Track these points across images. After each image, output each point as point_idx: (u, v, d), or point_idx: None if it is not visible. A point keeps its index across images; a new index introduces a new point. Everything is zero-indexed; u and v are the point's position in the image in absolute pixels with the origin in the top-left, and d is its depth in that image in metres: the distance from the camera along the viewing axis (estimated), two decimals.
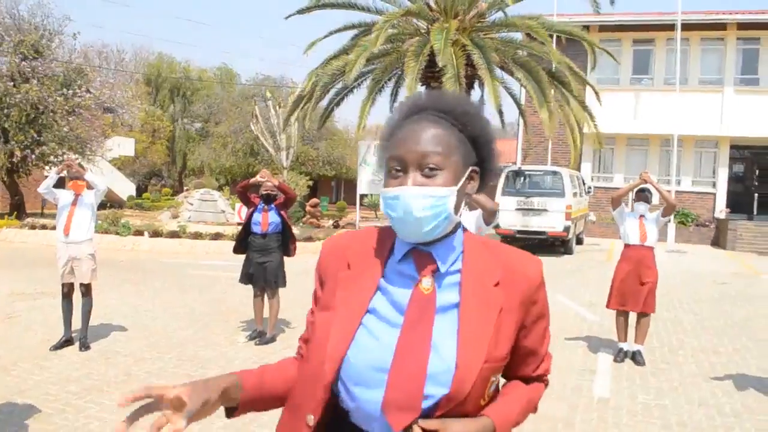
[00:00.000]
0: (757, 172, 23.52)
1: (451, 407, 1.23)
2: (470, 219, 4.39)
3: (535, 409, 1.47)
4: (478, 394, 1.26)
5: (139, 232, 16.13)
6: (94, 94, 21.66)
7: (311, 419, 1.30)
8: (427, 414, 1.23)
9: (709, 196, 22.76)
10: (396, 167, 1.29)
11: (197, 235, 15.87)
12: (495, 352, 1.27)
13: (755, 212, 22.59)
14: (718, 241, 20.63)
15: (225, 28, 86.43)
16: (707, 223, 21.70)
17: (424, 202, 1.25)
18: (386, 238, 1.38)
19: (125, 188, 31.70)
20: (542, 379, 1.49)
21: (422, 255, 1.32)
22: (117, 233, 15.96)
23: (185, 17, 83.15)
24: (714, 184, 22.91)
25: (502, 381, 1.45)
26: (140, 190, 36.06)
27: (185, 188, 34.32)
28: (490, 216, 4.23)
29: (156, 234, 16.09)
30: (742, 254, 18.44)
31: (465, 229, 1.40)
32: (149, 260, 13.51)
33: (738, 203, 22.70)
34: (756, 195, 22.88)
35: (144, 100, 35.23)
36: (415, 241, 1.31)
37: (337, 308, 1.32)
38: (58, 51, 21.53)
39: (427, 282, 1.30)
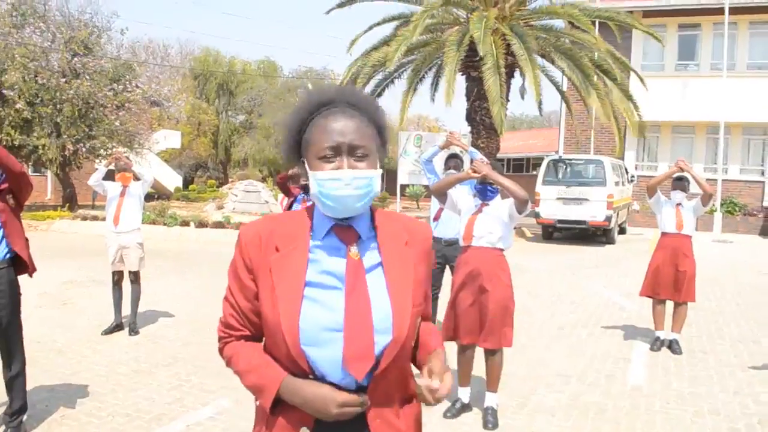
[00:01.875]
0: None
1: (396, 351, 1.49)
2: (502, 208, 4.47)
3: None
4: (412, 336, 1.56)
5: (185, 223, 16.57)
6: (142, 89, 22.26)
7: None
8: (378, 359, 1.47)
9: (757, 184, 22.13)
10: (329, 154, 1.49)
11: (241, 226, 16.19)
12: (417, 298, 1.57)
13: None
14: (766, 231, 20.10)
15: (268, 22, 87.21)
16: (755, 213, 21.12)
17: (360, 182, 1.48)
18: (302, 220, 1.59)
19: (172, 180, 32.44)
20: (429, 318, 1.78)
21: (343, 228, 1.55)
22: (164, 224, 16.42)
23: (230, 12, 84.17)
24: (762, 173, 22.25)
25: None
26: (186, 182, 36.82)
27: (230, 180, 34.96)
28: (522, 205, 4.30)
29: (202, 224, 16.50)
30: None
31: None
32: (195, 250, 13.90)
33: None
34: None
35: (190, 93, 35.96)
36: (347, 215, 1.52)
37: (277, 288, 1.50)
38: (106, 47, 22.21)
39: (354, 249, 1.54)
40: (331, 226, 1.54)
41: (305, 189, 7.14)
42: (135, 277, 6.77)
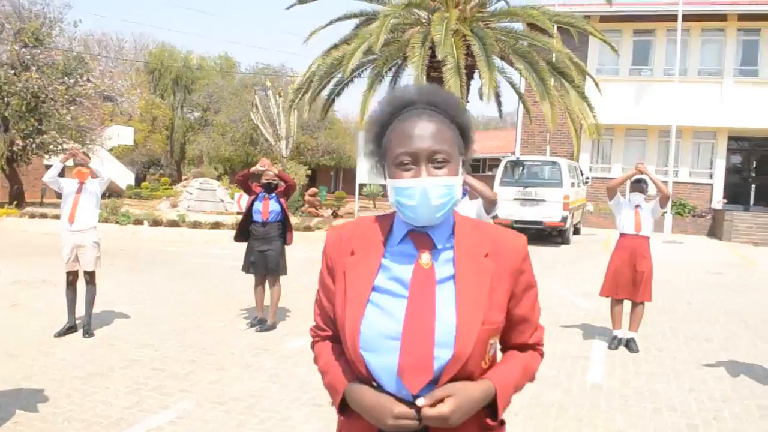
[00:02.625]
0: (755, 163, 23.66)
1: (458, 368, 1.39)
2: (471, 208, 4.48)
3: (532, 378, 1.62)
4: (479, 355, 1.43)
5: (138, 221, 16.21)
6: (95, 83, 21.69)
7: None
8: (438, 376, 1.39)
9: (706, 186, 22.85)
10: (406, 160, 1.43)
11: (196, 224, 15.97)
12: (490, 316, 1.44)
13: (752, 203, 22.76)
14: (714, 232, 20.74)
15: (225, 17, 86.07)
16: (704, 214, 21.80)
17: (439, 191, 1.42)
18: (383, 225, 1.55)
19: (124, 177, 31.74)
20: (537, 348, 1.63)
21: (420, 235, 1.49)
22: (117, 222, 16.03)
23: (185, 6, 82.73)
24: (711, 175, 22.99)
25: (500, 355, 1.59)
26: (139, 180, 36.08)
27: (184, 177, 34.37)
28: (490, 205, 4.32)
29: (156, 223, 16.17)
30: (738, 245, 18.55)
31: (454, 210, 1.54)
32: (149, 249, 13.61)
33: (735, 194, 22.82)
34: (753, 186, 23.01)
35: (144, 89, 35.22)
36: (426, 224, 1.46)
37: (348, 291, 1.48)
38: (58, 39, 21.58)
39: (426, 258, 1.47)
40: (407, 232, 1.50)
41: (266, 187, 7.08)
42: (90, 277, 6.56)
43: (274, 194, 7.08)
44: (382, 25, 13.13)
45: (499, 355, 1.60)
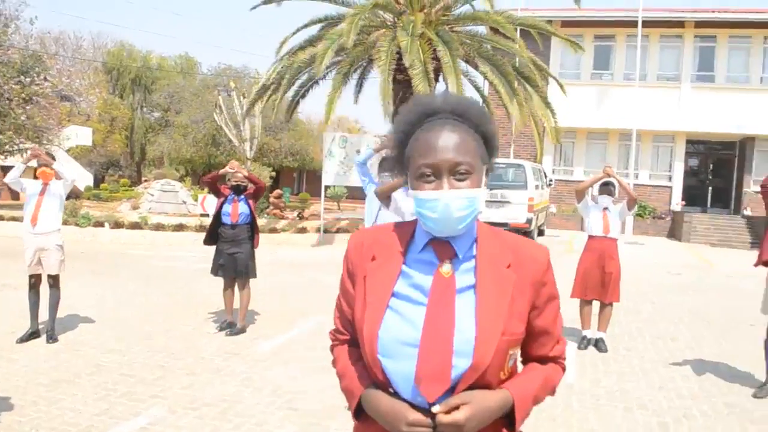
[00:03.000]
0: (711, 166, 24.33)
1: (475, 378, 1.37)
2: (408, 201, 4.52)
3: (553, 391, 1.60)
4: (498, 366, 1.41)
5: (99, 224, 15.86)
6: (52, 82, 21.15)
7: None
8: (455, 385, 1.37)
9: (665, 189, 23.41)
10: (428, 172, 1.41)
11: (159, 227, 15.70)
12: (510, 326, 1.42)
13: (709, 205, 23.39)
14: (673, 233, 21.25)
15: (186, 16, 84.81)
16: (663, 216, 22.33)
17: (460, 203, 1.40)
18: (405, 232, 1.54)
19: (82, 179, 31.00)
20: (558, 361, 1.62)
21: (441, 244, 1.48)
22: (77, 224, 15.65)
23: (146, 4, 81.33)
24: (670, 178, 23.57)
25: (520, 367, 1.58)
26: (97, 181, 35.31)
27: (144, 179, 33.71)
28: None
29: (117, 225, 15.84)
30: (697, 246, 19.03)
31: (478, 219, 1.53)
32: (111, 252, 13.32)
33: (693, 196, 23.46)
34: (710, 188, 23.65)
35: (102, 88, 34.48)
36: (448, 235, 1.45)
37: (368, 296, 1.47)
38: (14, 37, 20.93)
39: (446, 267, 1.46)
40: (428, 240, 1.48)
41: (235, 189, 6.98)
42: (54, 281, 6.38)
43: (243, 196, 6.99)
44: (351, 24, 13.08)
45: (520, 367, 1.58)
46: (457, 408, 1.34)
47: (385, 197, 4.70)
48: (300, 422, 4.43)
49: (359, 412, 1.50)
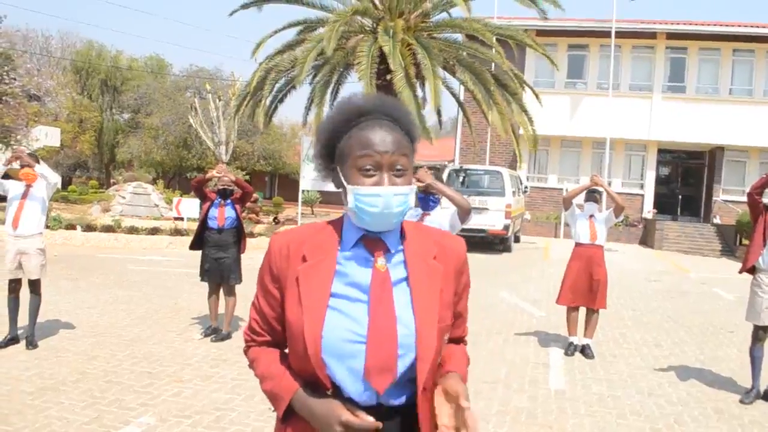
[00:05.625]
0: (682, 175, 24.81)
1: (420, 367, 1.44)
2: (444, 217, 4.47)
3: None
4: (438, 353, 1.50)
5: (71, 226, 15.53)
6: (21, 81, 20.68)
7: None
8: (401, 375, 1.44)
9: (637, 197, 23.78)
10: (368, 167, 1.46)
11: (133, 230, 15.42)
12: (443, 315, 1.52)
13: (679, 213, 23.83)
14: (646, 241, 21.59)
15: (156, 16, 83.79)
16: (636, 223, 22.68)
17: (399, 199, 1.46)
18: (332, 230, 1.57)
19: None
20: (464, 341, 1.76)
21: (372, 240, 1.52)
22: (48, 227, 15.27)
23: (116, 3, 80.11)
24: (642, 186, 23.96)
25: None
26: (65, 183, 34.59)
27: (113, 181, 33.15)
28: (465, 214, 4.33)
29: (89, 228, 15.52)
30: (669, 253, 19.36)
31: None
32: (84, 255, 13.04)
33: (664, 204, 23.88)
34: (680, 197, 24.11)
35: (71, 88, 33.82)
36: (383, 230, 1.50)
37: (303, 298, 1.47)
38: None
39: (381, 261, 1.51)
40: (359, 237, 1.52)
41: (222, 193, 6.88)
42: (35, 286, 6.20)
43: (229, 201, 6.90)
44: (332, 29, 13.05)
45: None
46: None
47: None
48: None
49: (286, 415, 1.51)
